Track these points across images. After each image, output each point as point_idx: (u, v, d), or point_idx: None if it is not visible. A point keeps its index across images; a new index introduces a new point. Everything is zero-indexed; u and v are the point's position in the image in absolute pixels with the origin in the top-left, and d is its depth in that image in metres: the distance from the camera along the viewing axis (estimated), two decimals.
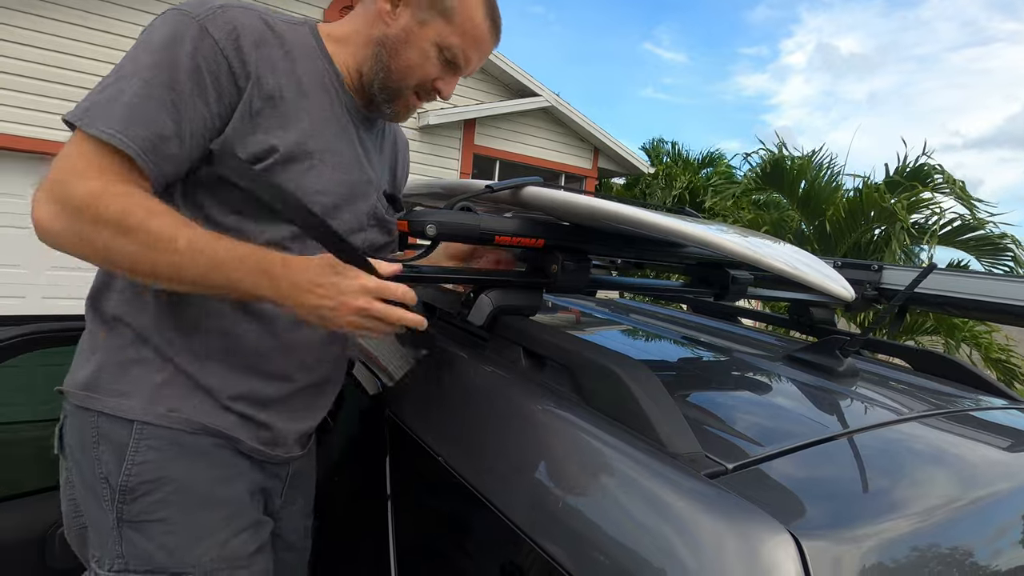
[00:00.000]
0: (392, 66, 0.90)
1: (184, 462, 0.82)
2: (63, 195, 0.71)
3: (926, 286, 1.23)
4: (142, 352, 0.83)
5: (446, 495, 0.85)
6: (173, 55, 0.75)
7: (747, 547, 0.50)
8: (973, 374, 1.17)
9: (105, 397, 0.82)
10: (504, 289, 0.99)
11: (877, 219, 4.84)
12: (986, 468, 0.77)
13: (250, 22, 0.82)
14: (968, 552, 0.62)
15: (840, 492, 0.64)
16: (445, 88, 0.94)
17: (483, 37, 0.92)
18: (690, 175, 10.60)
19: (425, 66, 0.91)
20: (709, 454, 0.65)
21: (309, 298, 0.72)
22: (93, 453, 0.82)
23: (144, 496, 0.81)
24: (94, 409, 0.82)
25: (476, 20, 0.90)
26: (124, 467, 0.80)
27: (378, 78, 0.91)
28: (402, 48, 0.89)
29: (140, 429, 0.81)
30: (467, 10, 0.89)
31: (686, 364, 1.22)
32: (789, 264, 0.77)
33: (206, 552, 0.83)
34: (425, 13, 0.88)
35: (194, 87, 0.76)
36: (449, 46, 0.90)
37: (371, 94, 0.92)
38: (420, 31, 0.88)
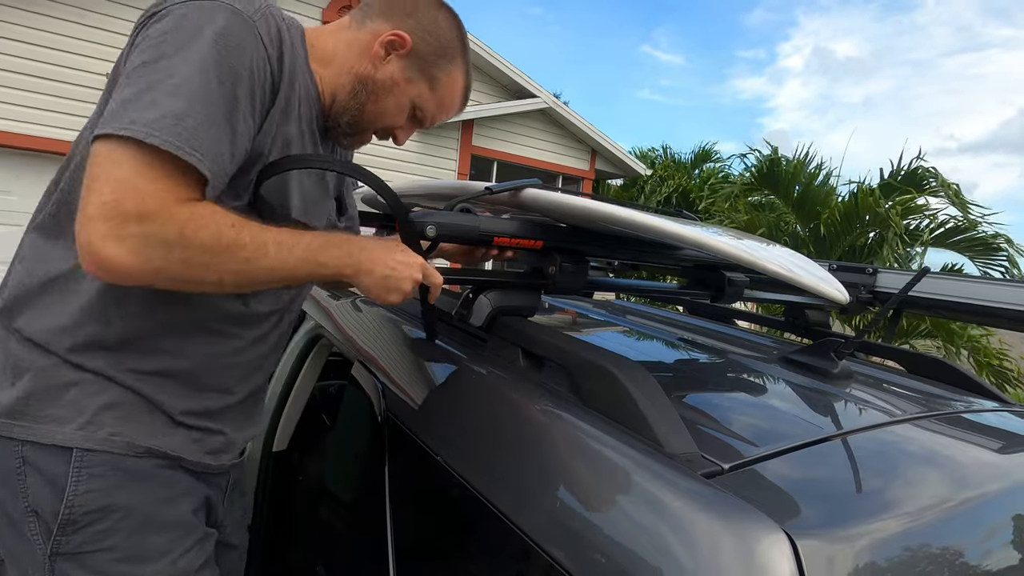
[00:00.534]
0: (368, 107, 0.92)
1: (129, 488, 0.80)
2: (145, 231, 0.66)
3: (920, 289, 1.24)
4: (80, 373, 0.78)
5: (445, 495, 0.85)
6: (234, 65, 0.73)
7: (743, 546, 0.51)
8: (965, 377, 1.18)
9: (34, 424, 0.76)
10: (503, 290, 1.00)
11: (872, 223, 4.87)
12: (978, 469, 0.78)
13: (280, 25, 0.81)
14: (960, 552, 0.63)
15: (834, 492, 0.65)
16: (402, 136, 1.00)
17: (454, 109, 1.00)
18: (680, 177, 10.65)
19: (397, 117, 0.95)
20: (705, 454, 0.66)
21: (382, 268, 0.79)
22: (17, 485, 0.77)
23: (88, 527, 0.77)
24: (17, 438, 0.76)
25: (455, 96, 0.98)
26: (65, 499, 0.76)
27: (350, 113, 0.92)
28: (383, 95, 0.92)
29: (80, 457, 0.76)
30: (451, 86, 0.96)
31: (683, 365, 1.23)
32: (784, 267, 0.78)
33: (156, 574, 0.82)
34: (413, 72, 0.92)
35: (248, 103, 0.76)
36: (423, 108, 0.95)
37: (337, 123, 0.93)
38: (404, 86, 0.92)
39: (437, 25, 0.92)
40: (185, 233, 0.68)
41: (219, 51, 0.71)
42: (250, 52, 0.74)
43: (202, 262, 0.70)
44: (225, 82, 0.72)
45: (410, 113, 0.96)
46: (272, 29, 0.78)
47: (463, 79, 0.98)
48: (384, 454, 1.03)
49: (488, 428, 0.84)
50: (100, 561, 0.78)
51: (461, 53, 0.96)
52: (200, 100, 0.69)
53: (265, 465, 1.54)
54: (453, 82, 0.96)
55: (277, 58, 0.79)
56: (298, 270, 0.76)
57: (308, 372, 1.55)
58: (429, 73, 0.93)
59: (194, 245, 0.68)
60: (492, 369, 0.95)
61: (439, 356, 1.08)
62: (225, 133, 0.72)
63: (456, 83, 0.97)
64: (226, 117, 0.72)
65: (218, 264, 0.71)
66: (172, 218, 0.67)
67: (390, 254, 0.81)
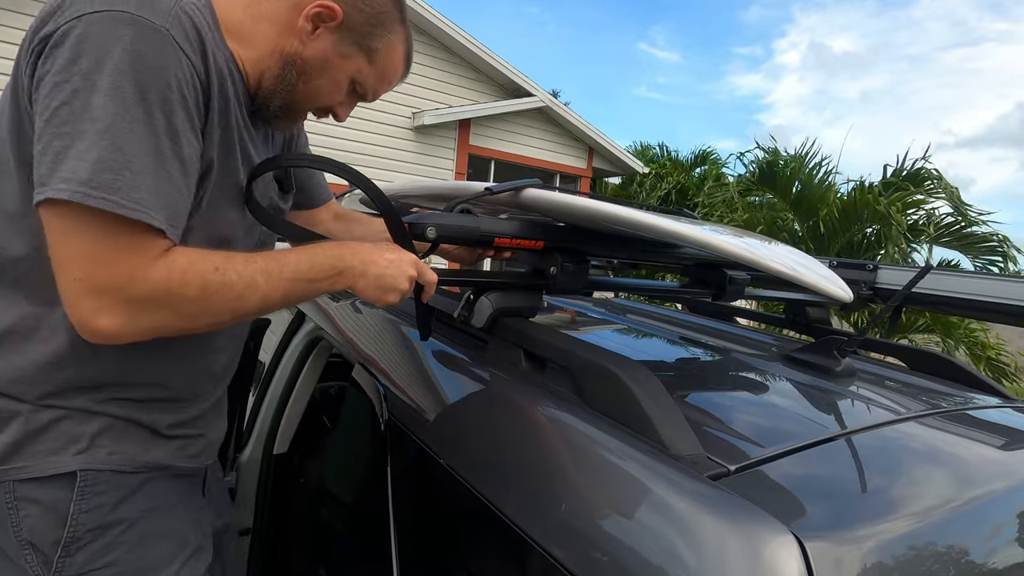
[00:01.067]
0: (299, 88, 0.86)
1: (128, 501, 0.81)
2: (128, 298, 0.66)
3: (922, 285, 1.24)
4: (64, 411, 0.77)
5: (447, 498, 0.85)
6: (161, 91, 0.66)
7: (750, 548, 0.51)
8: (967, 372, 1.18)
9: (30, 462, 0.75)
10: (504, 291, 0.99)
11: (870, 220, 4.88)
12: (985, 467, 0.77)
13: (195, 17, 0.71)
14: (970, 550, 0.63)
15: (842, 492, 0.64)
16: (343, 113, 0.95)
17: (396, 78, 0.95)
18: (679, 175, 10.67)
19: (334, 94, 0.90)
20: (711, 455, 0.65)
21: (375, 268, 0.78)
22: (9, 521, 0.75)
23: (90, 543, 0.77)
24: (10, 479, 0.74)
25: (396, 65, 0.92)
26: (68, 522, 0.76)
27: (280, 95, 0.85)
28: (315, 74, 0.85)
29: (84, 477, 0.77)
30: (391, 56, 0.90)
31: (685, 364, 1.23)
32: (786, 265, 0.78)
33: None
34: (347, 47, 0.85)
35: (187, 124, 0.70)
36: (363, 82, 0.90)
37: (266, 107, 0.86)
38: (339, 62, 0.85)
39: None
40: (170, 290, 0.67)
41: (138, 79, 0.64)
42: (173, 69, 0.67)
43: (194, 312, 0.70)
44: (155, 113, 0.65)
45: (349, 88, 0.90)
46: (189, 29, 0.69)
47: (403, 46, 0.91)
48: (386, 457, 1.02)
49: (490, 431, 0.84)
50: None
51: (399, 19, 0.89)
52: (135, 143, 0.64)
53: (266, 468, 1.53)
54: (392, 52, 0.90)
55: (201, 60, 0.71)
56: (292, 292, 0.76)
57: (308, 374, 1.54)
58: (366, 45, 0.85)
59: (183, 299, 0.68)
60: (494, 371, 0.95)
61: (440, 358, 1.08)
62: (173, 168, 0.68)
63: (396, 52, 0.90)
64: (170, 150, 0.67)
65: (211, 308, 0.71)
66: (149, 279, 0.66)
67: (381, 254, 0.79)
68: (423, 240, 0.87)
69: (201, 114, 0.73)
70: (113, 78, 0.63)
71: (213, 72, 0.74)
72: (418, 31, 6.95)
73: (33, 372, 0.75)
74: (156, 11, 0.66)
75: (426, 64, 7.08)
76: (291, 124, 0.94)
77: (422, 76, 7.05)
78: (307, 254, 0.77)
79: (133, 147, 0.64)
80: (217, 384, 0.97)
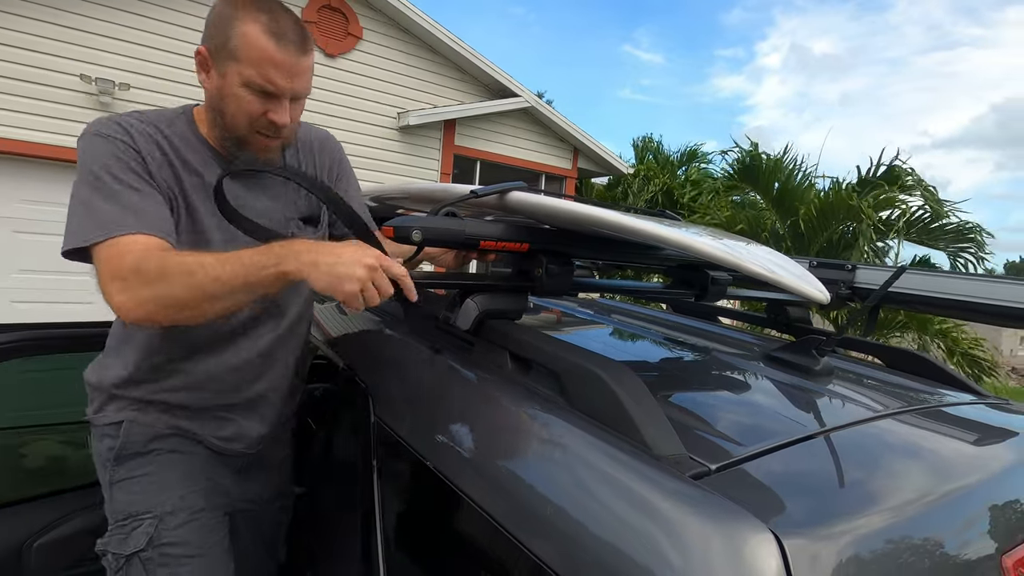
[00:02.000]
0: (224, 121, 1.02)
1: (158, 442, 1.11)
2: (124, 276, 0.90)
3: (899, 285, 1.27)
4: (125, 395, 1.13)
5: (434, 499, 0.85)
6: (106, 163, 0.97)
7: (730, 546, 0.52)
8: (943, 371, 1.21)
9: (101, 415, 1.14)
10: (490, 293, 1.00)
11: (846, 217, 4.96)
12: (959, 462, 0.80)
13: (135, 124, 1.02)
14: (944, 543, 0.65)
15: (820, 489, 0.66)
16: (278, 117, 1.01)
17: (274, 56, 0.96)
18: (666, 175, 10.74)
19: (245, 108, 0.99)
20: (693, 455, 0.67)
21: (327, 258, 0.81)
22: (99, 445, 1.13)
23: (128, 461, 1.10)
24: (99, 423, 1.14)
25: (259, 45, 0.96)
26: (117, 446, 1.10)
27: (220, 134, 1.05)
28: (221, 103, 1.01)
29: (129, 422, 1.11)
30: (248, 42, 0.95)
31: (668, 365, 1.24)
32: (764, 267, 0.79)
33: (166, 501, 1.08)
34: (222, 65, 0.98)
35: (129, 174, 0.98)
36: (250, 79, 0.97)
37: (225, 147, 1.06)
38: (225, 81, 0.98)
39: (212, 15, 0.99)
40: (138, 266, 0.89)
41: (91, 161, 0.96)
42: (111, 149, 0.97)
43: (153, 281, 0.88)
44: (103, 175, 0.95)
45: (255, 94, 0.98)
46: (125, 129, 0.99)
47: (256, 24, 0.95)
48: (372, 459, 1.02)
49: (476, 433, 0.85)
50: (136, 486, 1.09)
51: (241, 7, 0.96)
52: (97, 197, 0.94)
53: None
54: (246, 36, 0.95)
55: (133, 141, 0.99)
56: (246, 276, 0.84)
57: None
58: (227, 52, 0.96)
59: (147, 273, 0.89)
60: (480, 373, 0.95)
61: (427, 360, 1.08)
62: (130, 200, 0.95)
63: (250, 33, 0.95)
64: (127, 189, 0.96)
65: (169, 282, 0.87)
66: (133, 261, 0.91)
67: (339, 247, 0.83)
68: (408, 243, 0.87)
69: (143, 170, 0.99)
70: (83, 170, 0.97)
71: (157, 148, 1.02)
72: (402, 30, 6.91)
73: (109, 375, 1.14)
74: (106, 127, 0.99)
75: (411, 64, 7.05)
76: (258, 152, 1.06)
77: (407, 76, 7.02)
78: (265, 246, 0.86)
79: (96, 202, 0.95)
80: (242, 379, 1.15)
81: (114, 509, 1.10)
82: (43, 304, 5.07)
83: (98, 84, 5.12)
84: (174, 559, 1.05)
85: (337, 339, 1.44)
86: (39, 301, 5.09)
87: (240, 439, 1.18)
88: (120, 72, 5.29)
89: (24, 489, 1.62)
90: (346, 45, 6.58)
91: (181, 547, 1.06)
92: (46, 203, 5.13)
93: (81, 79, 5.10)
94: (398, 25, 6.89)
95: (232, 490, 1.19)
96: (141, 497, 1.08)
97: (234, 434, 1.17)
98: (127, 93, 5.31)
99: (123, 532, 1.07)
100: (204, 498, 1.12)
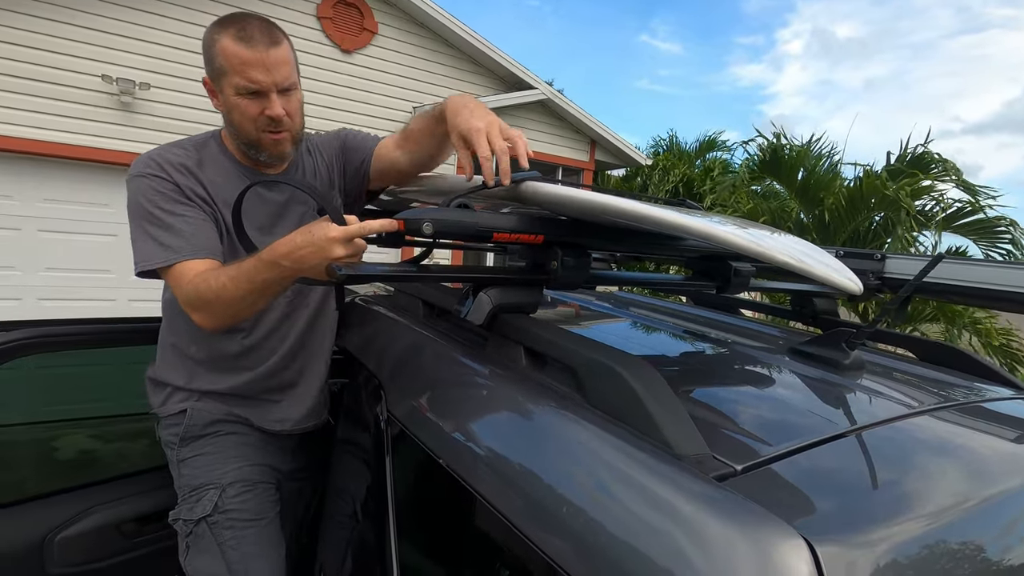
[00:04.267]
0: (236, 132, 1.19)
1: (216, 426, 1.27)
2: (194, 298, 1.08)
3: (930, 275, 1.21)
4: (183, 388, 1.30)
5: (447, 498, 0.83)
6: (151, 198, 1.15)
7: (758, 553, 0.49)
8: (979, 363, 1.15)
9: (165, 407, 1.30)
10: (503, 287, 0.97)
11: (878, 207, 4.82)
12: (1000, 462, 0.75)
13: (170, 156, 1.19)
14: (984, 549, 0.61)
15: (853, 492, 0.62)
16: (272, 111, 1.14)
17: (246, 57, 1.10)
18: (685, 166, 10.59)
19: (246, 113, 1.14)
20: (717, 455, 0.63)
21: (303, 258, 0.91)
22: (165, 432, 1.29)
23: (193, 441, 1.26)
24: (164, 414, 1.30)
25: (233, 52, 1.10)
26: (181, 430, 1.25)
27: (240, 143, 1.21)
28: (230, 117, 1.18)
29: (191, 410, 1.27)
30: (226, 55, 1.10)
31: (690, 359, 1.20)
32: (793, 256, 0.75)
33: (226, 474, 1.24)
34: (219, 84, 1.15)
35: (171, 203, 1.15)
36: (238, 86, 1.12)
37: (248, 155, 1.23)
38: (225, 96, 1.15)
39: (203, 46, 1.15)
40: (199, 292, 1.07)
41: (140, 198, 1.14)
42: (152, 185, 1.14)
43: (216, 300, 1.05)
44: (153, 210, 1.13)
45: (247, 98, 1.13)
46: (160, 165, 1.16)
47: (225, 36, 1.10)
48: (384, 455, 1.01)
49: (490, 430, 0.82)
50: (200, 462, 1.25)
51: (216, 30, 1.12)
52: (149, 228, 1.12)
53: None
54: (224, 49, 1.10)
55: (169, 175, 1.15)
56: (255, 284, 0.99)
57: None
58: (217, 71, 1.13)
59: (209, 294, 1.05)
60: (494, 368, 0.93)
61: (439, 355, 1.06)
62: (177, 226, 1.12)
63: (226, 46, 1.10)
64: (168, 219, 1.12)
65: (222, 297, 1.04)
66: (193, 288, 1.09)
67: (304, 229, 0.92)
68: (420, 236, 0.85)
69: (182, 197, 1.16)
70: (133, 208, 1.16)
71: (191, 175, 1.18)
72: (417, 24, 6.89)
73: (171, 375, 1.31)
74: (141, 166, 1.16)
75: (426, 58, 7.03)
76: (271, 150, 1.21)
77: (422, 70, 7.01)
78: (253, 259, 0.99)
79: (147, 233, 1.14)
80: (283, 366, 1.32)
81: (182, 484, 1.26)
82: (68, 301, 5.17)
83: (119, 84, 5.19)
84: (239, 522, 1.22)
85: (352, 334, 1.43)
86: (65, 299, 5.19)
87: (284, 421, 1.34)
88: (141, 72, 5.36)
89: (44, 484, 1.65)
90: (361, 40, 6.58)
91: (243, 513, 1.23)
92: (69, 202, 5.23)
93: (102, 79, 5.18)
94: (413, 19, 6.88)
95: (281, 467, 1.36)
96: (204, 471, 1.24)
97: (280, 417, 1.33)
98: (148, 93, 5.38)
99: (191, 502, 1.23)
100: (258, 472, 1.29)
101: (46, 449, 1.81)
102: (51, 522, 1.48)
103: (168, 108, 5.50)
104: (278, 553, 1.26)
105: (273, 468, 1.33)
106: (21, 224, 5.08)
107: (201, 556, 1.21)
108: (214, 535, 1.20)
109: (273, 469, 1.33)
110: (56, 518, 1.49)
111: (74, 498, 1.54)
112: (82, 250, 5.18)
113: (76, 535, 1.49)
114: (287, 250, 0.92)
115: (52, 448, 1.83)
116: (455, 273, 1.05)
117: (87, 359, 1.69)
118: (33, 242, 5.12)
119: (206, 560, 1.20)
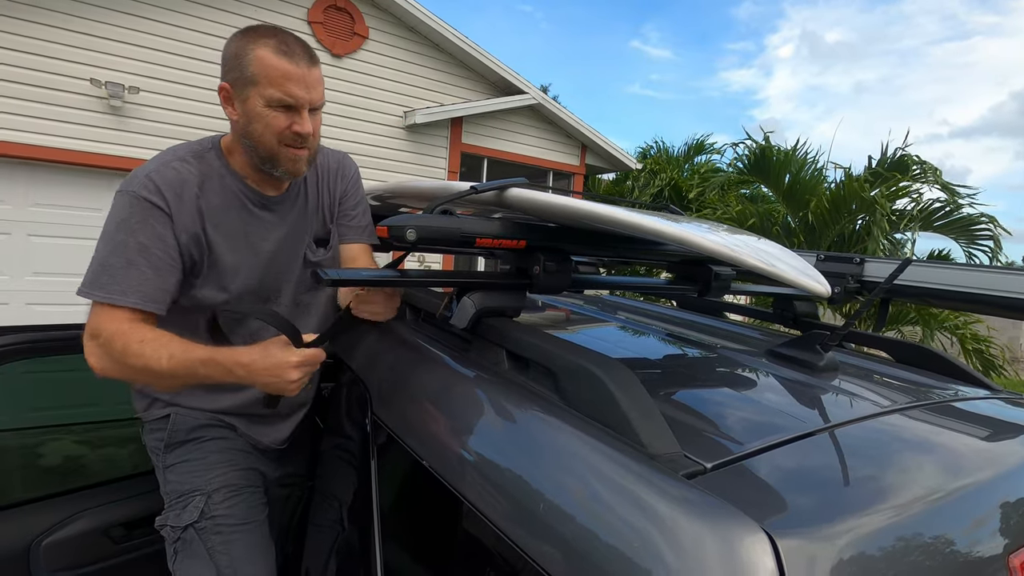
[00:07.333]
0: (255, 143, 1.12)
1: (201, 431, 1.26)
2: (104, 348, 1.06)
3: (906, 278, 1.24)
4: (163, 399, 1.28)
5: (429, 498, 0.85)
6: (132, 227, 1.07)
7: (723, 547, 0.51)
8: (953, 365, 1.18)
9: (149, 413, 1.28)
10: (487, 291, 0.99)
11: (859, 210, 4.88)
12: (965, 458, 0.78)
13: (173, 167, 1.12)
14: (948, 542, 0.63)
15: (817, 488, 0.65)
16: (301, 127, 1.11)
17: (288, 72, 1.07)
18: (672, 171, 10.66)
19: (272, 125, 1.09)
20: (688, 453, 0.65)
21: (257, 375, 0.99)
22: (150, 437, 1.29)
23: (176, 448, 1.25)
24: (143, 420, 1.29)
25: (274, 64, 1.06)
26: (166, 435, 1.25)
27: (256, 156, 1.14)
28: (249, 127, 1.11)
29: (175, 415, 1.26)
30: (264, 64, 1.06)
31: (669, 361, 1.23)
32: (764, 261, 0.77)
33: (212, 480, 1.23)
34: (244, 92, 1.08)
35: (152, 238, 1.09)
36: (271, 98, 1.07)
37: (261, 170, 1.17)
38: (249, 106, 1.09)
39: (227, 51, 1.09)
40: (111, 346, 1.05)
41: (119, 219, 1.07)
42: (137, 210, 1.07)
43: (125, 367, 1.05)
44: (126, 238, 1.06)
45: (278, 110, 1.08)
46: (156, 186, 1.08)
47: (267, 48, 1.06)
48: (370, 458, 1.02)
49: (473, 432, 0.84)
50: (185, 468, 1.24)
51: (250, 39, 1.07)
52: (111, 252, 1.06)
53: None
54: (262, 59, 1.06)
55: (161, 198, 1.08)
56: (193, 376, 1.02)
57: None
58: (246, 78, 1.07)
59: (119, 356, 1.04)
60: (477, 372, 0.95)
61: (424, 359, 1.07)
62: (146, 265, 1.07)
63: (266, 55, 1.06)
64: (138, 255, 1.06)
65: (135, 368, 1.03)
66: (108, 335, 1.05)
67: (264, 348, 0.99)
68: (403, 242, 0.87)
69: (167, 227, 1.10)
70: (110, 225, 1.09)
71: (186, 196, 1.12)
72: (408, 29, 6.91)
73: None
74: (132, 183, 1.09)
75: (417, 63, 7.05)
76: (288, 166, 1.15)
77: (413, 75, 7.02)
78: (204, 354, 1.02)
79: (112, 257, 1.08)
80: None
81: (168, 490, 1.25)
82: (57, 306, 5.13)
83: (108, 88, 5.17)
84: (227, 527, 1.21)
85: (341, 338, 1.44)
86: (53, 303, 5.16)
87: (269, 435, 1.34)
88: (130, 76, 5.34)
89: (31, 489, 1.64)
90: (352, 45, 6.59)
91: (230, 518, 1.22)
92: (59, 207, 5.20)
93: (91, 83, 5.16)
94: (404, 24, 6.89)
95: (266, 471, 1.36)
96: (190, 477, 1.24)
97: (264, 431, 1.33)
98: (137, 96, 5.36)
99: (178, 508, 1.22)
100: (244, 477, 1.28)
101: (33, 454, 1.81)
102: (37, 527, 1.48)
103: (157, 112, 5.49)
104: (267, 557, 1.25)
105: (259, 472, 1.33)
106: (11, 228, 5.04)
107: (190, 562, 1.21)
108: (202, 541, 1.21)
109: (259, 473, 1.33)
110: (42, 523, 1.49)
111: (61, 503, 1.54)
112: (71, 254, 5.14)
113: (62, 540, 1.49)
114: (246, 361, 0.98)
115: (39, 453, 1.83)
116: (438, 278, 1.07)
117: (75, 364, 1.69)
118: (22, 246, 5.09)
119: (196, 565, 1.20)
